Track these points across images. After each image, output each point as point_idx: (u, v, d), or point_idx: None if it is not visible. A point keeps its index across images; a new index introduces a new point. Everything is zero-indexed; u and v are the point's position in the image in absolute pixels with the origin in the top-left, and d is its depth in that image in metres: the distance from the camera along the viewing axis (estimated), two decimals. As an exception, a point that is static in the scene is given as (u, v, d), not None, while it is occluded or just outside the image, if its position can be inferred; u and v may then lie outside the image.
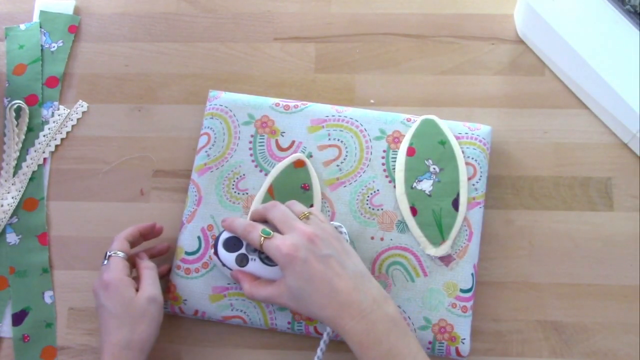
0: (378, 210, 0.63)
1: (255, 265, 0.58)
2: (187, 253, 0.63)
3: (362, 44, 0.72)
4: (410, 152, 0.64)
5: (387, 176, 0.64)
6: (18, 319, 0.64)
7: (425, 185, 0.63)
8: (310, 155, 0.65)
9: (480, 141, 0.65)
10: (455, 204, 0.63)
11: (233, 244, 0.59)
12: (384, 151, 0.65)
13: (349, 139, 0.65)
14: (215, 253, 0.59)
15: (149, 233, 0.63)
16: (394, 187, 0.64)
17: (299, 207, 0.59)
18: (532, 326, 0.63)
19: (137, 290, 0.58)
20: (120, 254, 0.59)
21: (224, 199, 0.64)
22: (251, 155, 0.65)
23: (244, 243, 0.59)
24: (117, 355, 0.54)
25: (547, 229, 0.65)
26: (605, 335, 0.62)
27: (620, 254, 0.64)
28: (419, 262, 0.62)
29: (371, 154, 0.65)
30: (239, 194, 0.64)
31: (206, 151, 0.66)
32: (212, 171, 0.65)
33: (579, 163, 0.67)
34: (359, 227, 0.63)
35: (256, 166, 0.65)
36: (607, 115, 0.67)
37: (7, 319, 0.64)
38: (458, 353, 0.60)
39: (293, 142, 0.65)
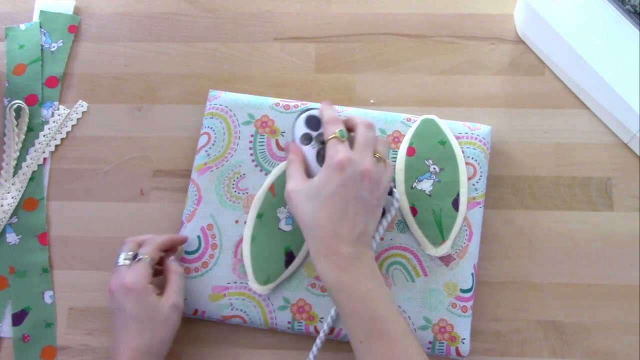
0: (378, 210, 0.63)
1: (309, 152, 0.58)
2: (187, 252, 0.63)
3: (362, 44, 0.72)
4: (410, 152, 0.64)
5: (387, 176, 0.64)
6: (18, 319, 0.64)
7: (425, 185, 0.63)
8: (310, 155, 0.65)
9: (480, 141, 0.65)
10: (455, 203, 0.63)
11: (312, 123, 0.60)
12: (384, 151, 0.65)
13: (349, 139, 0.65)
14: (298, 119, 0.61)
15: (173, 248, 0.62)
16: (394, 186, 0.64)
17: (383, 148, 0.58)
18: (532, 326, 0.63)
19: (158, 294, 0.57)
20: (148, 259, 0.58)
21: (224, 198, 0.64)
22: (251, 154, 0.65)
23: (316, 133, 0.59)
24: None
25: (547, 229, 0.65)
26: (605, 335, 0.62)
27: (620, 254, 0.64)
28: (419, 262, 0.62)
29: (371, 153, 0.65)
30: (239, 193, 0.64)
31: (206, 151, 0.66)
32: (212, 171, 0.65)
33: (579, 163, 0.67)
34: (359, 227, 0.63)
35: (256, 166, 0.65)
36: (607, 115, 0.67)
37: (7, 319, 0.64)
38: (458, 353, 0.60)
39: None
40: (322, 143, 0.58)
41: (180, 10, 0.74)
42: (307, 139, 0.59)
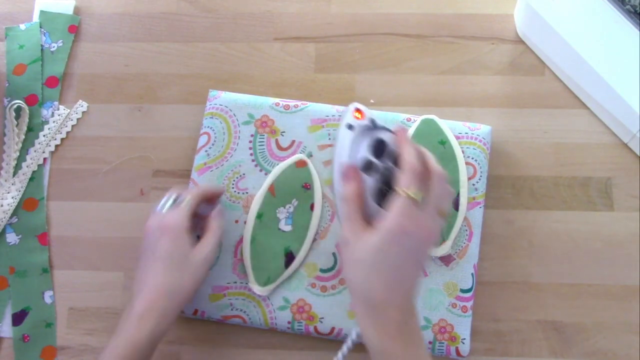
0: (378, 210, 0.63)
1: (368, 183, 0.50)
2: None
3: (362, 44, 0.72)
4: (410, 152, 0.64)
5: (387, 176, 0.64)
6: (18, 319, 0.64)
7: (425, 185, 0.63)
8: (310, 155, 0.65)
9: (480, 141, 0.65)
10: (456, 204, 0.63)
11: (378, 150, 0.51)
12: (384, 151, 0.65)
13: (349, 139, 0.65)
14: (360, 113, 0.53)
15: (212, 199, 0.62)
16: (394, 187, 0.64)
17: (449, 203, 0.52)
18: (532, 326, 0.63)
19: (193, 245, 0.56)
20: (189, 203, 0.57)
21: (223, 198, 0.64)
22: (251, 154, 0.65)
23: (384, 161, 0.51)
24: (156, 300, 0.53)
25: (547, 229, 0.65)
26: (605, 335, 0.62)
27: (620, 254, 0.64)
28: (419, 262, 0.62)
29: (371, 153, 0.65)
30: (238, 193, 0.64)
31: (206, 150, 0.66)
32: (212, 170, 0.65)
33: (579, 163, 0.67)
34: (359, 227, 0.63)
35: (256, 165, 0.65)
36: (607, 115, 0.67)
37: (7, 319, 0.64)
38: (458, 353, 0.60)
39: (293, 141, 0.65)
40: (385, 176, 0.51)
41: (180, 10, 0.74)
42: (369, 167, 0.51)
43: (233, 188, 0.64)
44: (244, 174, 0.65)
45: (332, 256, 0.63)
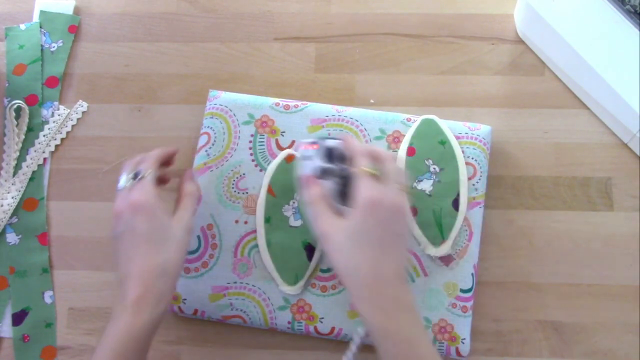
0: (378, 210, 0.63)
1: (330, 188, 0.55)
2: (187, 252, 0.63)
3: (362, 44, 0.72)
4: (411, 152, 0.64)
5: (387, 176, 0.64)
6: (18, 319, 0.64)
7: (426, 185, 0.63)
8: (310, 155, 0.65)
9: (480, 141, 0.65)
10: (456, 204, 0.63)
11: (331, 157, 0.56)
12: (384, 151, 0.65)
13: (349, 139, 0.65)
14: (311, 146, 0.57)
15: (169, 161, 0.61)
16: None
17: (404, 178, 0.56)
18: (532, 326, 0.63)
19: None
20: (151, 175, 0.54)
21: (223, 198, 0.64)
22: (251, 154, 0.65)
23: (338, 167, 0.56)
24: (152, 283, 0.50)
25: (547, 229, 0.65)
26: (605, 335, 0.62)
27: (620, 254, 0.64)
28: (419, 262, 0.62)
29: (371, 153, 0.65)
30: (238, 193, 0.64)
31: (206, 150, 0.66)
32: (212, 170, 0.65)
33: (579, 163, 0.67)
34: (359, 227, 0.63)
35: (256, 165, 0.65)
36: (607, 115, 0.67)
37: (7, 319, 0.64)
38: (458, 353, 0.60)
39: (293, 141, 0.65)
40: (343, 178, 0.55)
41: (180, 10, 0.74)
42: (327, 173, 0.55)
43: (233, 188, 0.64)
44: (244, 174, 0.65)
45: (332, 256, 0.63)
